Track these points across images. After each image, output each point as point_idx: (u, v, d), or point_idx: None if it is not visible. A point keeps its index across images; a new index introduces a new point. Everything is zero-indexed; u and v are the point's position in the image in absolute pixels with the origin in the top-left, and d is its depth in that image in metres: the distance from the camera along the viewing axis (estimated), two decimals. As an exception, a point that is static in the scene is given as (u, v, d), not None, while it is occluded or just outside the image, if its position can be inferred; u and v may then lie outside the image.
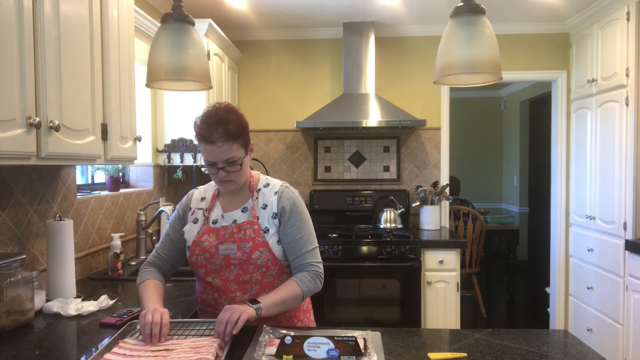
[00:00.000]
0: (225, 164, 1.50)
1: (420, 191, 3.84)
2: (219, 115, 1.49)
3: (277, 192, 1.62)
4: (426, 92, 4.04)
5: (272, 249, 1.55)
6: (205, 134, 1.47)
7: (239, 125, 1.51)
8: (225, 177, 1.53)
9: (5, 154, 1.33)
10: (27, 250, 1.92)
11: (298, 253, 1.58)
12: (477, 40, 1.54)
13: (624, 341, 3.12)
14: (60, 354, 1.39)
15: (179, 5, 1.73)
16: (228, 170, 1.51)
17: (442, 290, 3.37)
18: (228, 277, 1.57)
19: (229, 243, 1.55)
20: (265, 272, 1.56)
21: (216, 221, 1.61)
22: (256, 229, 1.56)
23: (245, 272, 1.56)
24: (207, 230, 1.60)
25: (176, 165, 3.29)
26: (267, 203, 1.60)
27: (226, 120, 1.48)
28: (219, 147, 1.47)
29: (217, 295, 1.59)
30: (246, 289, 1.56)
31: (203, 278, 1.60)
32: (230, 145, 1.48)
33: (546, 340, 1.46)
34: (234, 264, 1.55)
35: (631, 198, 3.07)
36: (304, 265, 1.58)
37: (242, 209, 1.61)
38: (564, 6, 3.53)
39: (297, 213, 1.60)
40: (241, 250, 1.54)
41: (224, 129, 1.46)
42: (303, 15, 3.72)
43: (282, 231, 1.58)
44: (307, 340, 1.27)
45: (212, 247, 1.56)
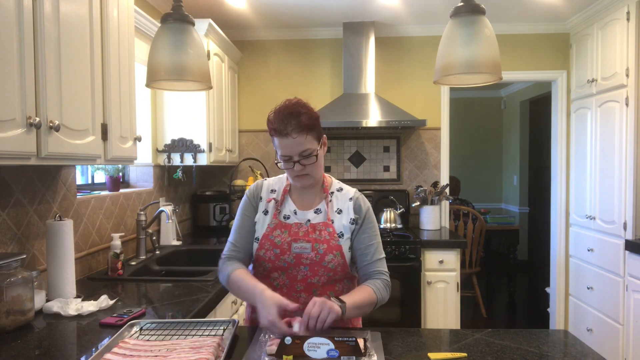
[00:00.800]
0: (300, 156, 1.49)
1: (420, 191, 3.84)
2: (290, 109, 1.49)
3: (352, 198, 1.62)
4: (426, 92, 4.04)
5: (344, 253, 1.54)
6: (279, 128, 1.47)
7: (311, 117, 1.50)
8: (302, 171, 1.51)
9: (5, 154, 1.33)
10: (27, 250, 1.92)
11: (369, 260, 1.57)
12: (477, 40, 1.54)
13: (624, 341, 3.12)
14: (60, 354, 1.39)
15: (179, 5, 1.73)
16: (304, 163, 1.50)
17: (442, 290, 3.37)
18: (296, 276, 1.54)
19: (303, 242, 1.53)
20: (332, 276, 1.54)
21: (288, 217, 1.59)
22: (331, 232, 1.55)
23: (314, 274, 1.53)
24: (279, 225, 1.57)
25: (176, 165, 3.29)
26: (341, 208, 1.59)
27: (298, 113, 1.48)
28: (294, 139, 1.46)
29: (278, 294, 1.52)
30: (311, 291, 1.53)
31: (267, 274, 1.56)
32: (304, 137, 1.47)
33: (546, 340, 1.46)
34: (305, 263, 1.52)
35: (631, 198, 3.07)
36: (375, 272, 1.57)
37: (315, 210, 1.59)
38: (564, 6, 3.53)
39: (370, 221, 1.61)
40: (315, 251, 1.52)
41: (297, 121, 1.46)
42: (303, 15, 3.72)
43: (355, 237, 1.57)
44: (307, 341, 1.27)
45: (284, 243, 1.54)
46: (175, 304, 1.86)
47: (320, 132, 1.55)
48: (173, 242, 3.16)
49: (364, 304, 1.48)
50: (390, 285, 1.58)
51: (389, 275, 1.60)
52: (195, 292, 2.01)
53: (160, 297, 1.97)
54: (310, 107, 1.54)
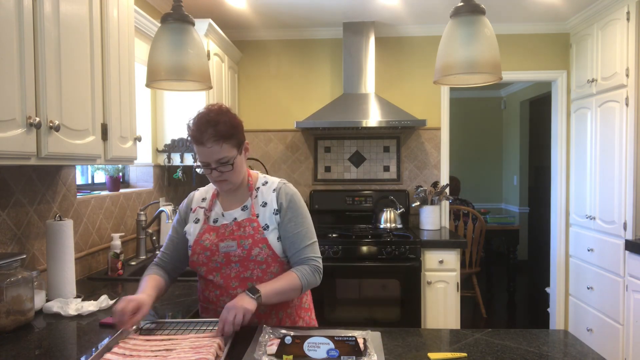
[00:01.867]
0: (217, 164, 1.53)
1: (420, 191, 3.84)
2: (209, 117, 1.51)
3: (275, 189, 1.64)
4: (426, 92, 4.04)
5: (271, 245, 1.57)
6: (196, 135, 1.50)
7: (230, 125, 1.52)
8: (219, 177, 1.56)
9: (5, 154, 1.33)
10: (27, 250, 1.92)
11: (297, 247, 1.60)
12: (477, 40, 1.54)
13: (624, 341, 3.12)
14: (60, 354, 1.39)
15: (179, 5, 1.73)
16: (221, 170, 1.54)
17: (442, 290, 3.37)
18: (229, 274, 1.58)
19: (229, 240, 1.57)
20: (265, 269, 1.58)
21: (217, 220, 1.63)
22: (255, 226, 1.58)
23: (245, 269, 1.57)
24: (207, 229, 1.62)
25: (176, 165, 3.29)
26: (266, 201, 1.63)
27: (216, 122, 1.50)
28: (209, 148, 1.50)
29: (218, 292, 1.60)
30: (247, 286, 1.57)
31: (205, 276, 1.62)
32: (220, 146, 1.50)
33: (546, 340, 1.46)
34: (234, 261, 1.57)
35: (631, 198, 3.07)
36: (303, 259, 1.60)
37: (242, 208, 1.63)
38: (564, 6, 3.53)
39: (295, 209, 1.62)
40: (241, 247, 1.56)
41: (214, 130, 1.49)
42: (303, 15, 3.72)
43: (281, 227, 1.60)
44: (307, 340, 1.27)
45: (212, 245, 1.58)
46: (175, 304, 1.86)
47: (240, 139, 1.57)
48: (173, 242, 3.15)
49: (285, 289, 1.52)
50: (319, 270, 1.61)
51: (319, 259, 1.63)
52: (195, 292, 2.01)
53: (160, 297, 1.96)
54: (232, 114, 1.57)
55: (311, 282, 1.59)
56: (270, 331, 1.42)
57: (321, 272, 1.63)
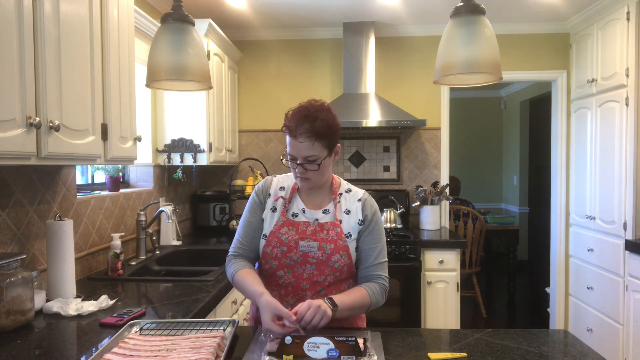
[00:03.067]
0: (304, 160, 1.49)
1: (420, 191, 3.84)
2: (308, 111, 1.48)
3: (360, 199, 1.61)
4: (426, 92, 4.04)
5: (351, 254, 1.54)
6: (291, 127, 1.47)
7: (327, 124, 1.47)
8: (303, 174, 1.52)
9: (5, 154, 1.33)
10: (27, 250, 1.92)
11: (371, 262, 1.56)
12: (477, 40, 1.54)
13: (624, 341, 3.12)
14: (60, 354, 1.39)
15: (179, 5, 1.73)
16: (306, 167, 1.50)
17: (442, 290, 3.37)
18: (302, 274, 1.53)
19: (310, 240, 1.53)
20: (339, 276, 1.54)
21: (296, 215, 1.58)
22: (339, 232, 1.55)
23: (320, 273, 1.53)
24: (286, 223, 1.56)
25: (176, 165, 3.29)
26: (350, 209, 1.59)
27: (314, 117, 1.46)
28: (300, 143, 1.46)
29: (283, 292, 1.55)
30: (317, 290, 1.53)
31: (274, 271, 1.56)
32: (312, 143, 1.46)
33: (546, 340, 1.46)
34: (311, 262, 1.52)
35: (631, 198, 3.07)
36: (374, 276, 1.56)
37: (323, 210, 1.59)
38: (564, 6, 3.53)
39: (377, 224, 1.59)
40: (322, 250, 1.52)
41: (310, 126, 1.45)
42: (303, 15, 3.72)
43: (361, 238, 1.57)
44: (307, 340, 1.27)
45: (291, 241, 1.53)
46: (175, 304, 1.86)
47: (334, 141, 1.52)
48: (173, 242, 3.16)
49: (357, 306, 1.49)
50: (387, 291, 1.58)
51: (388, 280, 1.59)
52: (195, 292, 2.01)
53: (160, 297, 1.97)
54: (332, 114, 1.52)
55: (379, 302, 1.55)
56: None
57: (387, 293, 1.58)
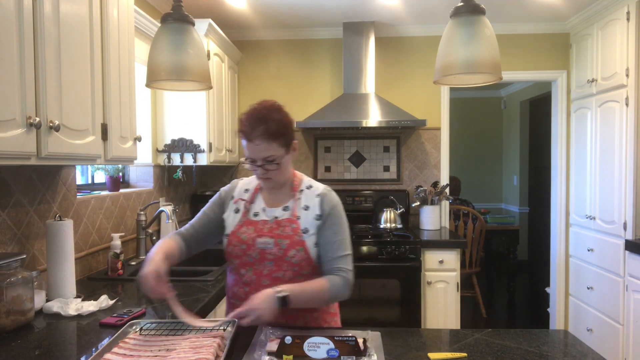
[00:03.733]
0: (263, 161, 1.52)
1: (420, 191, 3.84)
2: (261, 114, 1.51)
3: (319, 194, 1.63)
4: (426, 92, 4.04)
5: (308, 249, 1.56)
6: (246, 131, 1.50)
7: (281, 124, 1.51)
8: (264, 175, 1.56)
9: (5, 154, 1.33)
10: (27, 250, 1.92)
11: (332, 256, 1.58)
12: (477, 40, 1.54)
13: (624, 341, 3.12)
14: (60, 354, 1.39)
15: (179, 5, 1.73)
16: (267, 168, 1.53)
17: (442, 290, 3.37)
18: (261, 271, 1.57)
19: (267, 237, 1.56)
20: (298, 271, 1.56)
21: (257, 214, 1.63)
22: (295, 228, 1.57)
23: (279, 269, 1.56)
24: (246, 222, 1.61)
25: (176, 165, 3.29)
26: (309, 205, 1.61)
27: (268, 119, 1.49)
28: (257, 146, 1.49)
29: (248, 289, 1.58)
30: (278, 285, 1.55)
31: (237, 269, 1.61)
32: (269, 144, 1.49)
33: (546, 340, 1.46)
34: (269, 258, 1.56)
35: (631, 198, 3.07)
36: (335, 269, 1.58)
37: (283, 207, 1.62)
38: (564, 6, 3.53)
39: (336, 217, 1.61)
40: (278, 246, 1.55)
41: (265, 128, 1.48)
42: (303, 15, 3.72)
43: (320, 233, 1.59)
44: (307, 340, 1.27)
45: (249, 239, 1.57)
46: (175, 304, 1.85)
47: (289, 138, 1.56)
48: (173, 242, 3.15)
49: (313, 298, 1.53)
50: (350, 283, 1.58)
51: (351, 272, 1.60)
52: (195, 292, 2.01)
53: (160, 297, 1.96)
54: (284, 112, 1.56)
55: (339, 295, 1.57)
56: (270, 331, 1.42)
57: (351, 286, 1.59)
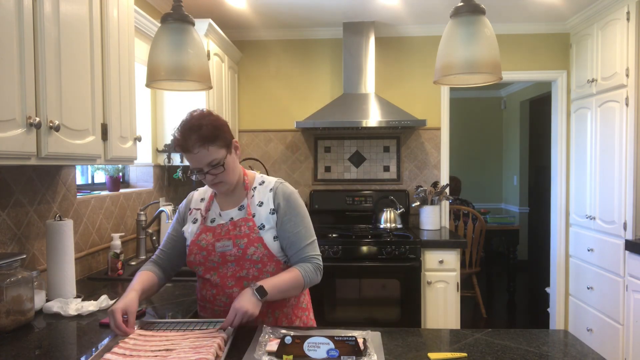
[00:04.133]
0: (208, 167, 1.54)
1: (420, 191, 3.84)
2: (191, 123, 1.52)
3: (272, 188, 1.65)
4: (426, 92, 4.04)
5: (267, 244, 1.58)
6: (182, 144, 1.52)
7: (213, 127, 1.52)
8: (214, 180, 1.57)
9: (5, 154, 1.33)
10: (27, 250, 1.92)
11: (298, 247, 1.61)
12: (477, 40, 1.54)
13: (624, 341, 3.12)
14: (60, 354, 1.39)
15: (179, 5, 1.73)
16: (213, 173, 1.55)
17: (442, 290, 3.37)
18: (225, 273, 1.59)
19: (225, 240, 1.58)
20: (261, 268, 1.59)
21: (214, 220, 1.65)
22: (251, 226, 1.59)
23: (241, 268, 1.58)
24: (204, 229, 1.63)
25: (176, 165, 3.29)
26: (262, 200, 1.63)
27: (198, 126, 1.50)
28: (196, 154, 1.51)
29: (215, 291, 1.61)
30: (243, 285, 1.58)
31: (202, 275, 1.63)
32: (206, 149, 1.51)
33: (546, 340, 1.46)
34: (230, 260, 1.58)
35: (631, 198, 3.07)
36: (304, 258, 1.61)
37: (238, 207, 1.64)
38: (564, 6, 3.53)
39: (293, 208, 1.63)
40: (237, 247, 1.57)
41: (198, 135, 1.49)
42: (303, 15, 3.72)
43: (280, 227, 1.61)
44: (307, 340, 1.27)
45: (209, 245, 1.60)
46: (175, 304, 1.86)
47: (227, 139, 1.57)
48: (173, 242, 3.15)
49: (288, 287, 1.55)
50: (321, 268, 1.64)
51: (319, 257, 1.65)
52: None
53: (160, 297, 1.97)
54: (214, 116, 1.57)
55: (313, 280, 1.61)
56: (270, 331, 1.42)
57: (322, 270, 1.65)
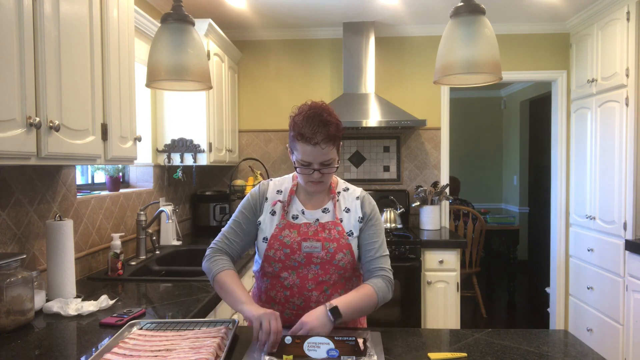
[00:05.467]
0: (321, 165, 1.50)
1: (420, 191, 3.84)
2: (322, 117, 1.47)
3: (358, 197, 1.63)
4: (426, 92, 4.04)
5: (354, 251, 1.56)
6: (307, 135, 1.45)
7: (338, 127, 1.50)
8: (319, 179, 1.52)
9: (5, 154, 1.33)
10: (27, 250, 1.92)
11: (373, 256, 1.57)
12: (477, 40, 1.54)
13: (624, 341, 3.12)
14: (60, 354, 1.39)
15: (179, 5, 1.73)
16: (323, 172, 1.51)
17: (442, 290, 3.37)
18: (306, 275, 1.54)
19: (313, 241, 1.53)
20: (343, 274, 1.56)
21: (296, 217, 1.59)
22: (340, 231, 1.56)
23: (325, 272, 1.54)
24: (287, 225, 1.57)
25: (176, 165, 3.29)
26: (349, 207, 1.61)
27: (328, 122, 1.47)
28: (322, 149, 1.46)
29: (289, 293, 1.55)
30: (323, 289, 1.54)
31: (278, 273, 1.56)
32: (330, 148, 1.48)
33: (546, 340, 1.46)
34: (315, 262, 1.53)
35: (631, 198, 3.07)
36: (377, 269, 1.56)
37: (322, 210, 1.60)
38: (564, 6, 3.53)
39: (377, 219, 1.61)
40: (325, 250, 1.53)
41: (327, 131, 1.46)
42: (303, 15, 3.72)
43: (361, 234, 1.58)
44: (307, 340, 1.27)
45: (294, 242, 1.54)
46: (175, 304, 1.86)
47: (340, 141, 1.55)
48: (173, 242, 3.16)
49: (364, 308, 1.48)
50: (392, 283, 1.57)
51: (392, 272, 1.59)
52: (195, 292, 2.01)
53: (160, 297, 1.97)
54: (335, 114, 1.54)
55: (386, 297, 1.54)
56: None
57: (393, 286, 1.58)
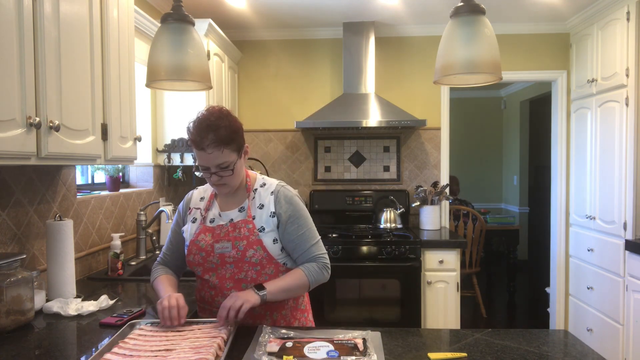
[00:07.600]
0: (217, 168, 1.53)
1: (420, 191, 3.84)
2: (209, 121, 1.50)
3: (273, 191, 1.64)
4: (426, 92, 4.04)
5: (266, 247, 1.57)
6: (196, 140, 1.49)
7: (230, 130, 1.51)
8: (218, 181, 1.56)
9: (5, 154, 1.33)
10: (27, 250, 1.92)
11: (303, 249, 1.60)
12: (477, 40, 1.54)
13: (624, 341, 3.12)
14: (60, 354, 1.39)
15: (179, 5, 1.73)
16: (220, 174, 1.54)
17: (442, 290, 3.37)
18: (224, 275, 1.59)
19: (224, 241, 1.58)
20: (260, 271, 1.58)
21: (213, 220, 1.64)
22: (250, 228, 1.58)
23: (240, 270, 1.58)
24: (203, 230, 1.62)
25: (176, 165, 3.29)
26: (263, 203, 1.62)
27: (217, 126, 1.49)
28: (210, 154, 1.49)
29: (213, 292, 1.62)
30: (241, 287, 1.58)
31: (201, 276, 1.63)
32: (220, 151, 1.49)
33: (546, 340, 1.46)
34: (229, 262, 1.58)
35: (631, 198, 3.07)
36: (311, 258, 1.61)
37: (239, 209, 1.63)
38: (564, 6, 3.53)
39: (295, 211, 1.62)
40: (236, 249, 1.56)
41: (215, 135, 1.48)
42: (303, 15, 3.72)
43: (284, 231, 1.60)
44: (307, 345, 1.29)
45: (208, 245, 1.59)
46: (175, 304, 1.85)
47: (240, 143, 1.56)
48: (173, 242, 3.15)
49: (292, 287, 1.56)
50: (327, 266, 1.63)
51: (326, 255, 1.65)
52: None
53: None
54: (232, 117, 1.55)
55: (319, 279, 1.60)
56: (270, 331, 1.42)
57: (329, 268, 1.64)
